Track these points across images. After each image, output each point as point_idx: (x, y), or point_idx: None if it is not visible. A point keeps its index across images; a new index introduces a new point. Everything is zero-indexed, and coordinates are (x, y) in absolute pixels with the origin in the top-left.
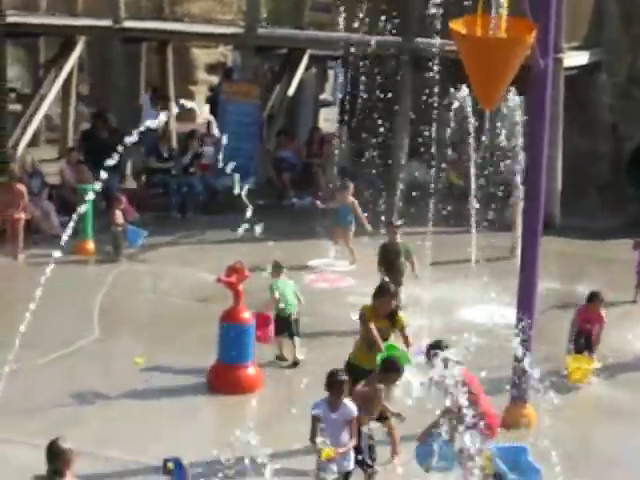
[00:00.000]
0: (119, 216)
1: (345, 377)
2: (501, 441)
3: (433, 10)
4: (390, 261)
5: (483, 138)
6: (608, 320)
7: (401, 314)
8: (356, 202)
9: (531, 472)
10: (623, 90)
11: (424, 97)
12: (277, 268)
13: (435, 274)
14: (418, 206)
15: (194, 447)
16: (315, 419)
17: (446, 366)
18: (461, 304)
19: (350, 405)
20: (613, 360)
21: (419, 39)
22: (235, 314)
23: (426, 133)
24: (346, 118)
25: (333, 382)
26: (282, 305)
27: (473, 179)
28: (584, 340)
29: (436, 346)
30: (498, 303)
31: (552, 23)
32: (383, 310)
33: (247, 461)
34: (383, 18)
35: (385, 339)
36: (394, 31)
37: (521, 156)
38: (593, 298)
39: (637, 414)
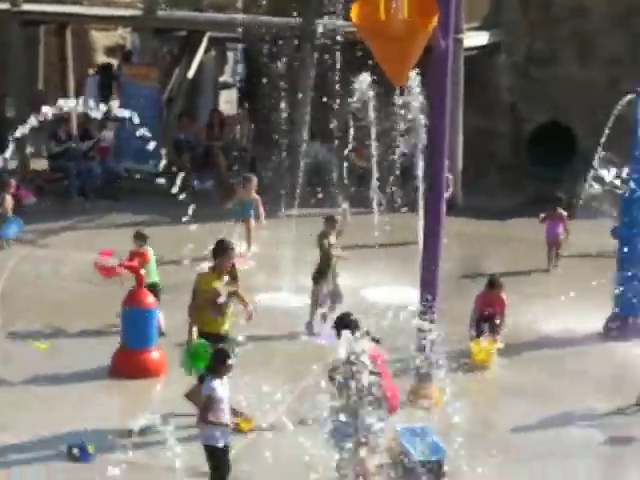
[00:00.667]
0: (8, 201)
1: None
2: (406, 421)
3: None
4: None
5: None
6: (510, 302)
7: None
8: (259, 199)
9: (436, 451)
10: (522, 70)
11: (326, 78)
12: (141, 237)
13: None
14: (321, 187)
15: (97, 432)
16: (209, 399)
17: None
18: (365, 286)
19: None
20: (515, 340)
21: (320, 20)
22: (137, 297)
23: (328, 114)
24: (247, 100)
25: (217, 360)
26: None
27: (375, 160)
28: (488, 324)
29: (343, 320)
30: (402, 284)
31: (453, 4)
32: (224, 266)
33: (152, 444)
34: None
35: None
36: (295, 13)
37: (423, 136)
38: (492, 284)
39: (539, 393)
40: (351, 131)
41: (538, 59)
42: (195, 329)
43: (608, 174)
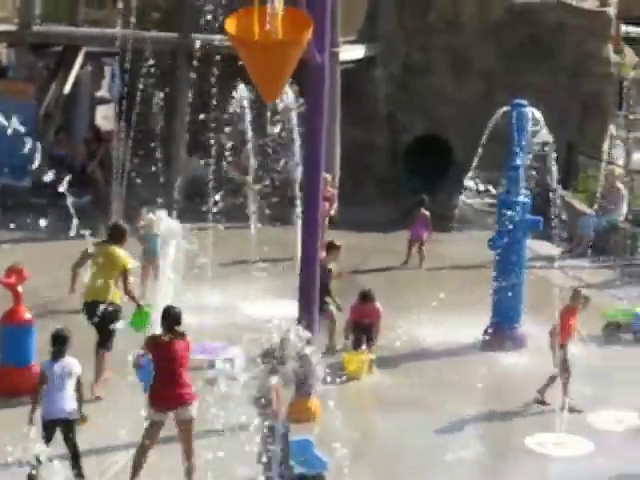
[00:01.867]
0: None
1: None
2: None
3: (210, 5)
4: None
5: (264, 133)
6: (389, 312)
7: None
8: None
9: (317, 464)
10: (398, 82)
11: (203, 93)
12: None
13: (219, 270)
14: (199, 202)
15: None
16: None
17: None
18: (244, 300)
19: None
20: (394, 351)
21: (196, 35)
22: (15, 315)
23: (206, 129)
24: (124, 115)
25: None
26: None
27: (252, 174)
28: (364, 335)
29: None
30: (281, 298)
31: (328, 18)
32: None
33: (29, 463)
34: (159, 14)
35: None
36: (172, 27)
37: (299, 150)
38: (364, 297)
39: (417, 403)
40: (228, 145)
41: (414, 71)
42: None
43: (481, 186)
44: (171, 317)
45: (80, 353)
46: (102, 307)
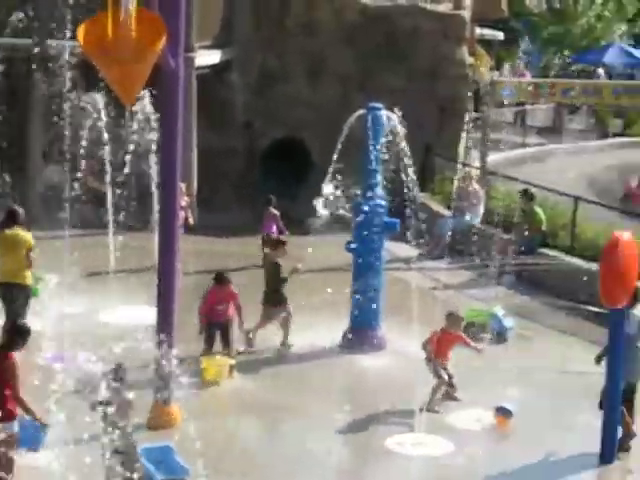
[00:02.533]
0: None
1: None
2: (147, 442)
3: (63, 11)
4: None
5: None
6: (247, 317)
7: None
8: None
9: (179, 471)
10: (255, 89)
11: (59, 99)
12: None
13: (78, 278)
14: (56, 210)
15: None
16: None
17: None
18: (102, 308)
19: None
20: (253, 355)
21: (50, 41)
22: None
23: (61, 136)
24: None
25: None
26: None
27: (109, 181)
28: (218, 330)
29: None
30: (139, 304)
31: (182, 22)
32: None
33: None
34: (13, 19)
35: None
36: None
37: (155, 156)
38: (220, 280)
39: (280, 407)
40: (83, 152)
41: (270, 76)
42: None
43: (338, 190)
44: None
45: None
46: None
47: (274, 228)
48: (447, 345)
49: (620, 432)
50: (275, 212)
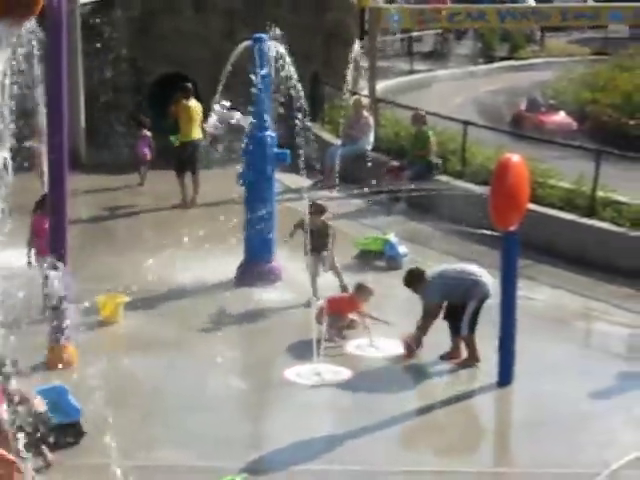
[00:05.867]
0: None
1: None
2: (42, 383)
3: None
4: None
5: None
6: (137, 255)
7: None
8: None
9: (72, 411)
10: (139, 25)
11: None
12: None
13: None
14: None
15: None
16: None
17: None
18: None
19: None
20: (148, 294)
21: None
22: None
23: None
24: None
25: None
26: None
27: None
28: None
29: None
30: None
31: None
32: None
33: None
34: None
35: None
36: None
37: (40, 96)
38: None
39: (174, 343)
40: None
41: (155, 12)
42: None
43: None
44: None
45: None
46: None
47: (146, 149)
48: (346, 308)
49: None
50: (147, 133)
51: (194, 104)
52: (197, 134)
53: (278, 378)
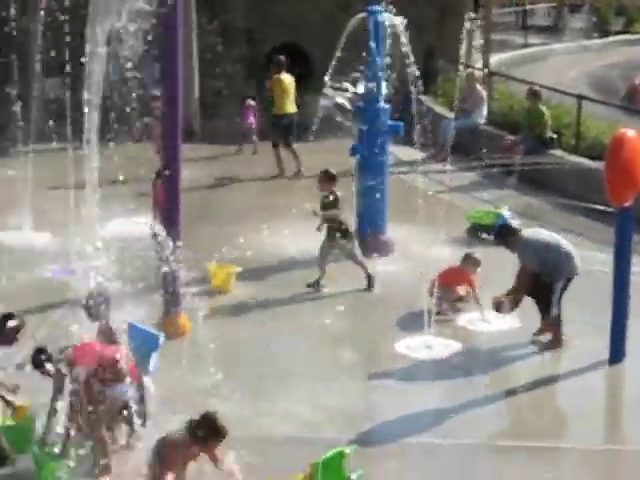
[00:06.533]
0: None
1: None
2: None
3: None
4: None
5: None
6: (251, 223)
7: None
8: None
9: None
10: None
11: (59, 11)
12: None
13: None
14: (58, 123)
15: None
16: None
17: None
18: (105, 219)
19: None
20: (258, 264)
21: None
22: None
23: (61, 48)
24: None
25: None
26: None
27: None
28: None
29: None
30: (142, 214)
31: None
32: None
33: None
34: None
35: None
36: None
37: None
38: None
39: (285, 313)
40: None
41: None
42: None
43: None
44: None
45: None
46: None
47: (251, 118)
48: (458, 281)
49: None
50: (252, 103)
51: (287, 78)
52: (291, 108)
53: (388, 350)
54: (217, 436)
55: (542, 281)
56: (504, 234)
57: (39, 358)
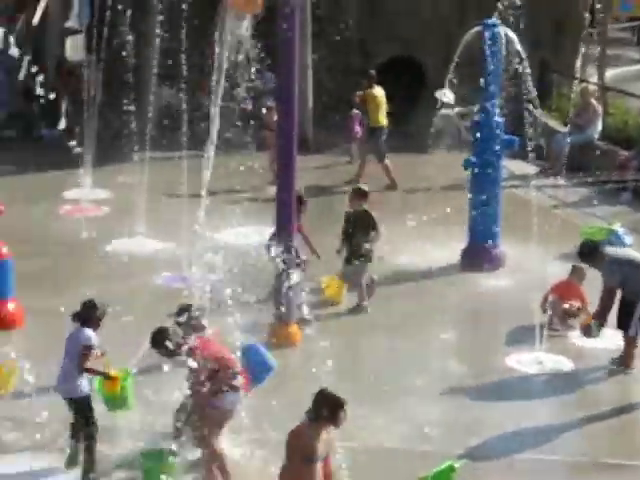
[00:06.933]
0: None
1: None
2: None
3: None
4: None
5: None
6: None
7: None
8: None
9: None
10: (368, 7)
11: (174, 21)
12: None
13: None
14: (172, 131)
15: None
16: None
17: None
18: (218, 227)
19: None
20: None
21: None
22: None
23: (177, 58)
24: (94, 46)
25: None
26: None
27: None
28: None
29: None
30: (254, 224)
31: None
32: None
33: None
34: None
35: None
36: None
37: (269, 76)
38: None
39: (395, 326)
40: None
41: None
42: None
43: (452, 99)
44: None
45: None
46: None
47: (357, 128)
48: (570, 295)
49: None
50: (357, 112)
51: (380, 91)
52: (384, 120)
53: (499, 364)
54: (341, 406)
55: (628, 298)
56: (588, 251)
57: (160, 337)
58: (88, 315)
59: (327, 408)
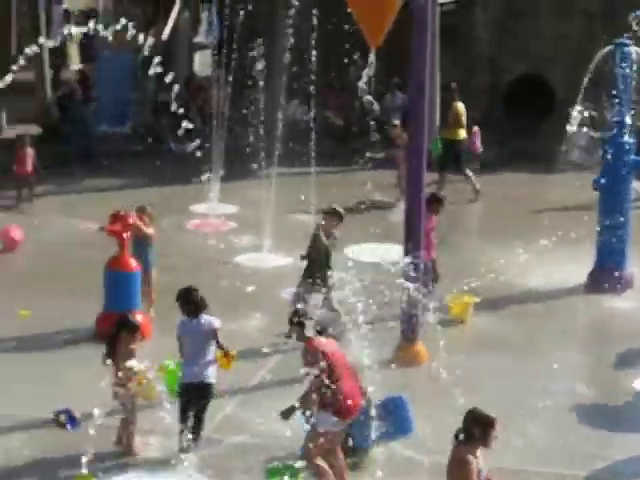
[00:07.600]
0: None
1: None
2: (387, 379)
3: None
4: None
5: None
6: (490, 254)
7: None
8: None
9: (405, 427)
10: (499, 24)
11: (301, 37)
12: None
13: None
14: (299, 147)
15: (92, 394)
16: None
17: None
18: (349, 243)
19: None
20: (497, 294)
21: None
22: (120, 262)
23: (307, 74)
24: (222, 61)
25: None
26: None
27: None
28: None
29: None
30: (384, 241)
31: None
32: None
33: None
34: None
35: None
36: None
37: (398, 94)
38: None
39: (520, 347)
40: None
41: (517, 12)
42: None
43: (584, 120)
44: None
45: None
46: None
47: (478, 143)
48: None
49: None
50: (476, 128)
51: (461, 105)
52: (462, 134)
53: (625, 387)
54: (492, 425)
55: None
56: None
57: (295, 318)
58: (195, 301)
59: (478, 428)
